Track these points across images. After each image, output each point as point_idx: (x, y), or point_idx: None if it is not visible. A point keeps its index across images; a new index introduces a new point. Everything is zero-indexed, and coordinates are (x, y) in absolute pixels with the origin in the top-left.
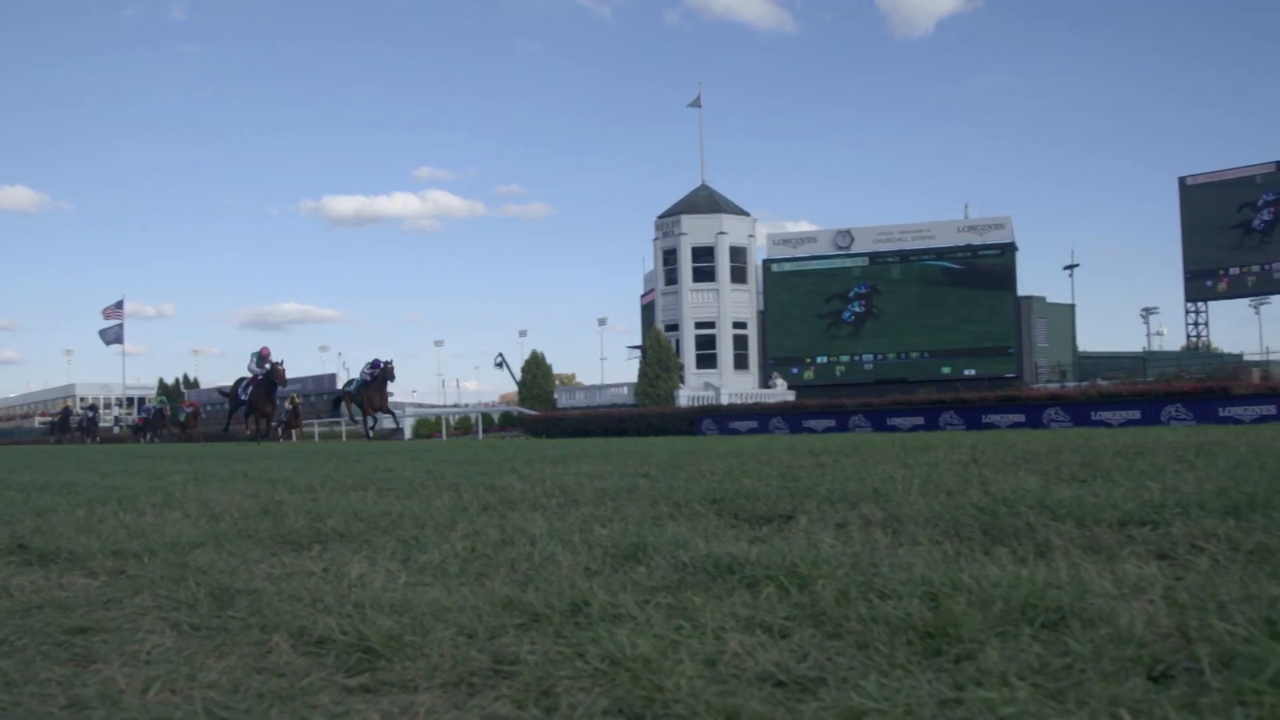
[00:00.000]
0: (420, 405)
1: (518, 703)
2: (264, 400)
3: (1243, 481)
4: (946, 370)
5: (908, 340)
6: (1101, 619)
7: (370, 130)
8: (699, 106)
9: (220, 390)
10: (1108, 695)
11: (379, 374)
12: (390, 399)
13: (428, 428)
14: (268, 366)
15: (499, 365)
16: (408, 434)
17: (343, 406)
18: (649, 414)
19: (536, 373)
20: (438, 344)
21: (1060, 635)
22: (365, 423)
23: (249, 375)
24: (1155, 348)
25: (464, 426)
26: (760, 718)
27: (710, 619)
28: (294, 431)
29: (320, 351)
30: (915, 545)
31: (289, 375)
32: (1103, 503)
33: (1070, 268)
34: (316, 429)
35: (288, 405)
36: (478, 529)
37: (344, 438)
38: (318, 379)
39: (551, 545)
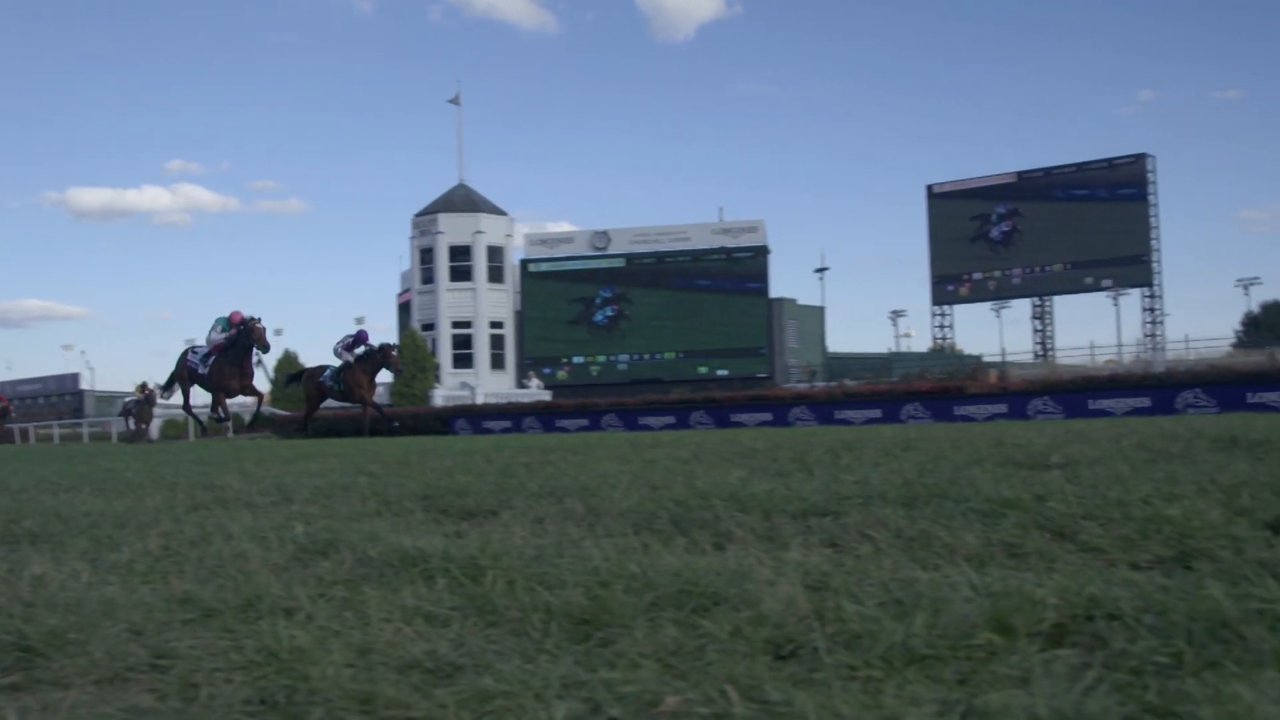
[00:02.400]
0: (169, 405)
1: (161, 695)
2: (231, 372)
3: (929, 474)
4: (702, 370)
5: (663, 341)
6: (747, 603)
7: (118, 120)
8: (458, 104)
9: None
10: (726, 673)
11: (373, 353)
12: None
13: (176, 429)
14: (235, 330)
15: (255, 365)
16: (154, 434)
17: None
18: (403, 414)
19: (290, 372)
20: (189, 342)
21: (705, 619)
22: (368, 411)
23: (205, 344)
24: (904, 349)
25: (214, 428)
26: (393, 703)
27: (377, 611)
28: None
29: (64, 351)
30: (606, 538)
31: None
32: (793, 495)
33: (820, 271)
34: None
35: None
36: (179, 528)
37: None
38: (59, 379)
39: (244, 542)
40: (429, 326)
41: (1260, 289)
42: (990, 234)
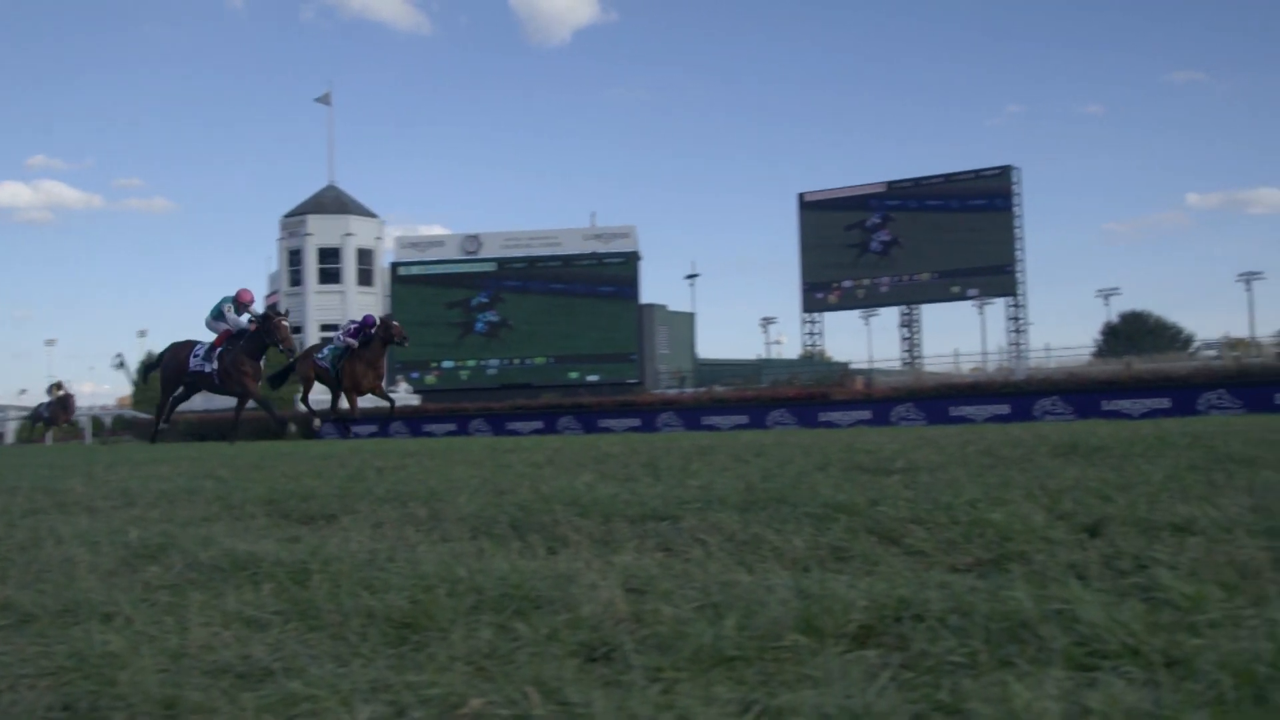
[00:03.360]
0: (25, 407)
1: None
2: (244, 366)
3: (773, 479)
4: (572, 376)
5: (533, 346)
6: (567, 606)
7: None
8: (328, 104)
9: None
10: (533, 675)
11: (375, 335)
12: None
13: (30, 431)
14: (247, 317)
15: (118, 367)
16: (10, 438)
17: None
18: (268, 417)
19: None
20: (49, 343)
21: (522, 622)
22: (337, 405)
23: (213, 332)
24: (775, 355)
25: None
26: (198, 707)
27: (199, 615)
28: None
29: None
30: (442, 542)
31: None
32: (634, 500)
33: (691, 277)
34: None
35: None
36: (11, 533)
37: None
38: None
39: (74, 547)
40: (297, 329)
41: (1120, 299)
42: (864, 243)
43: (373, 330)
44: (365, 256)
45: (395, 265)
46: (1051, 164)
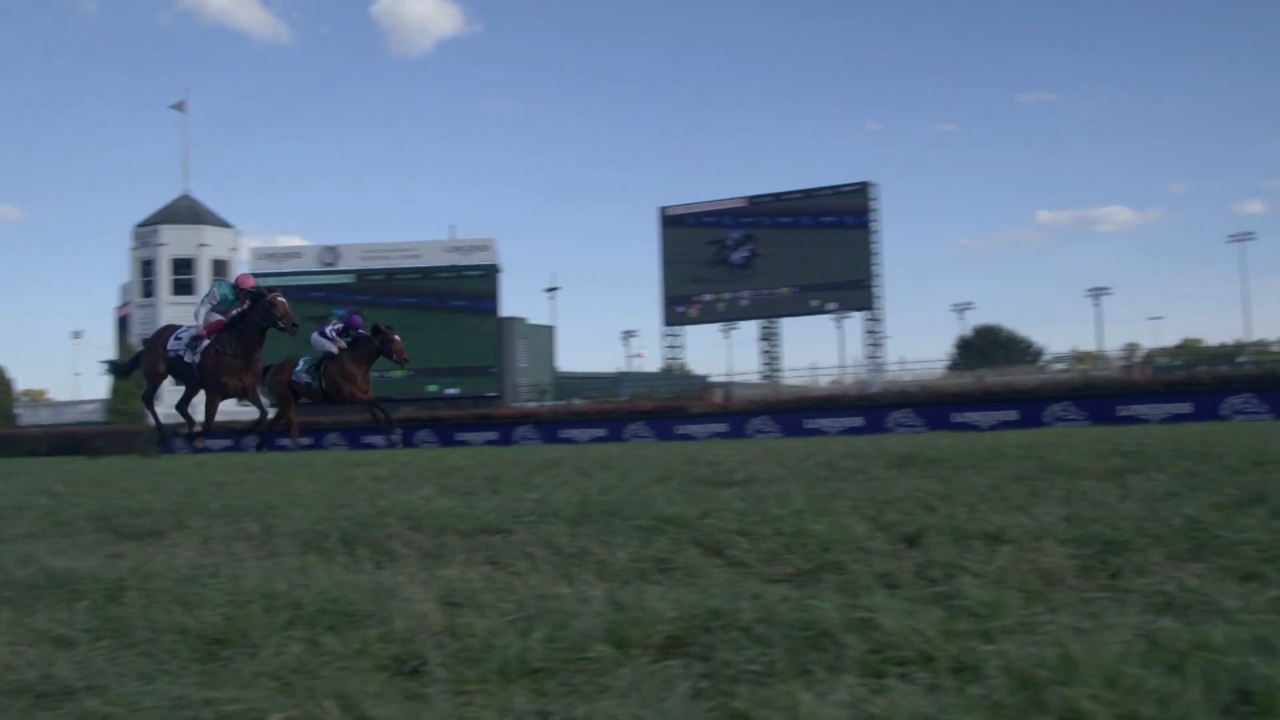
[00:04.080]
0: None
1: None
2: (233, 365)
3: (611, 492)
4: (431, 389)
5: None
6: (382, 620)
7: None
8: (183, 111)
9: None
10: (336, 689)
11: (367, 340)
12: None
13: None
14: (245, 305)
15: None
16: None
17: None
18: (120, 431)
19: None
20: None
21: (335, 637)
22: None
23: (201, 321)
24: (636, 369)
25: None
26: None
27: (6, 634)
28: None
29: None
30: (270, 557)
31: None
32: (470, 514)
33: (551, 290)
34: None
35: None
36: None
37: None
38: None
39: None
40: None
41: (974, 313)
42: (725, 257)
43: (360, 332)
44: (220, 268)
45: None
46: (909, 181)
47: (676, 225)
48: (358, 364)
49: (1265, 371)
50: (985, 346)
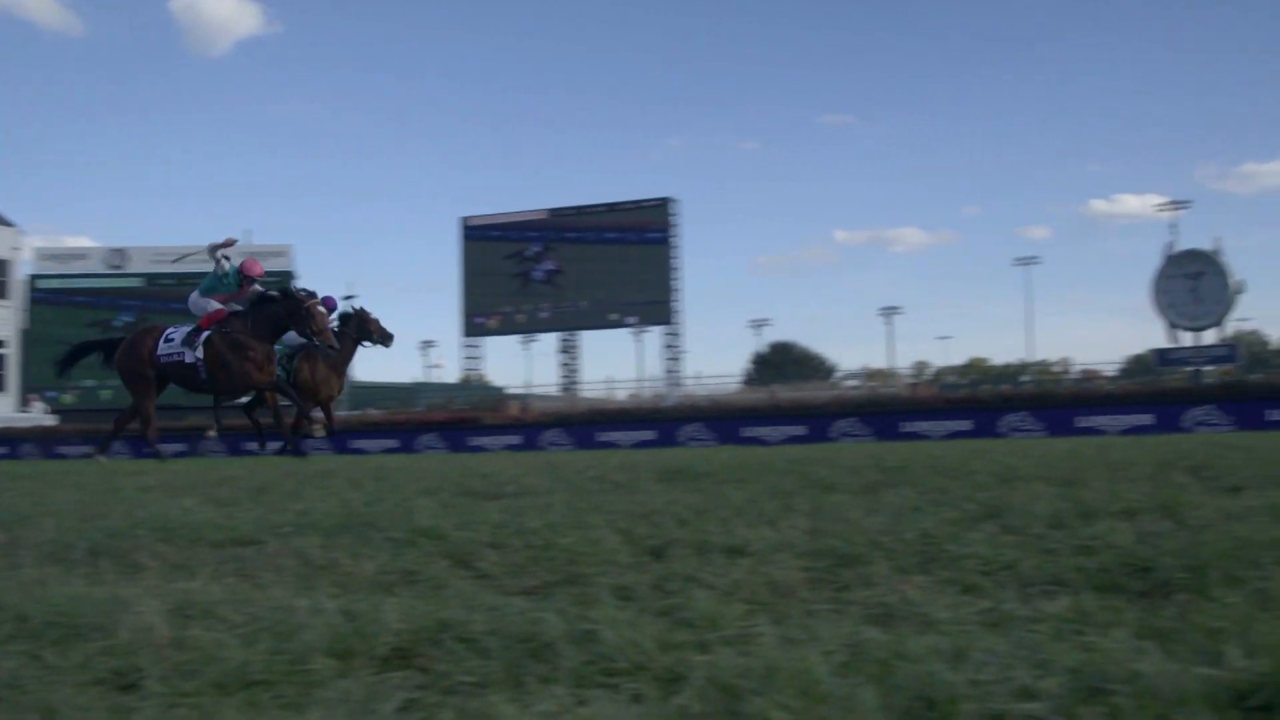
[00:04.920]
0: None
1: None
2: (249, 351)
3: (376, 503)
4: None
5: None
6: (107, 633)
7: None
8: None
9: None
10: (43, 703)
11: (345, 331)
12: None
13: None
14: (256, 289)
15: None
16: None
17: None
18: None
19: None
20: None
21: (56, 650)
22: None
23: (204, 308)
24: (435, 379)
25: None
26: None
27: None
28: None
29: None
30: (10, 570)
31: None
32: (228, 524)
33: (348, 298)
34: None
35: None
36: None
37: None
38: None
39: None
40: None
41: (770, 330)
42: (526, 269)
43: (336, 320)
44: (1, 268)
45: (34, 278)
46: (710, 197)
47: (478, 235)
48: (331, 365)
49: (1042, 391)
50: (779, 362)
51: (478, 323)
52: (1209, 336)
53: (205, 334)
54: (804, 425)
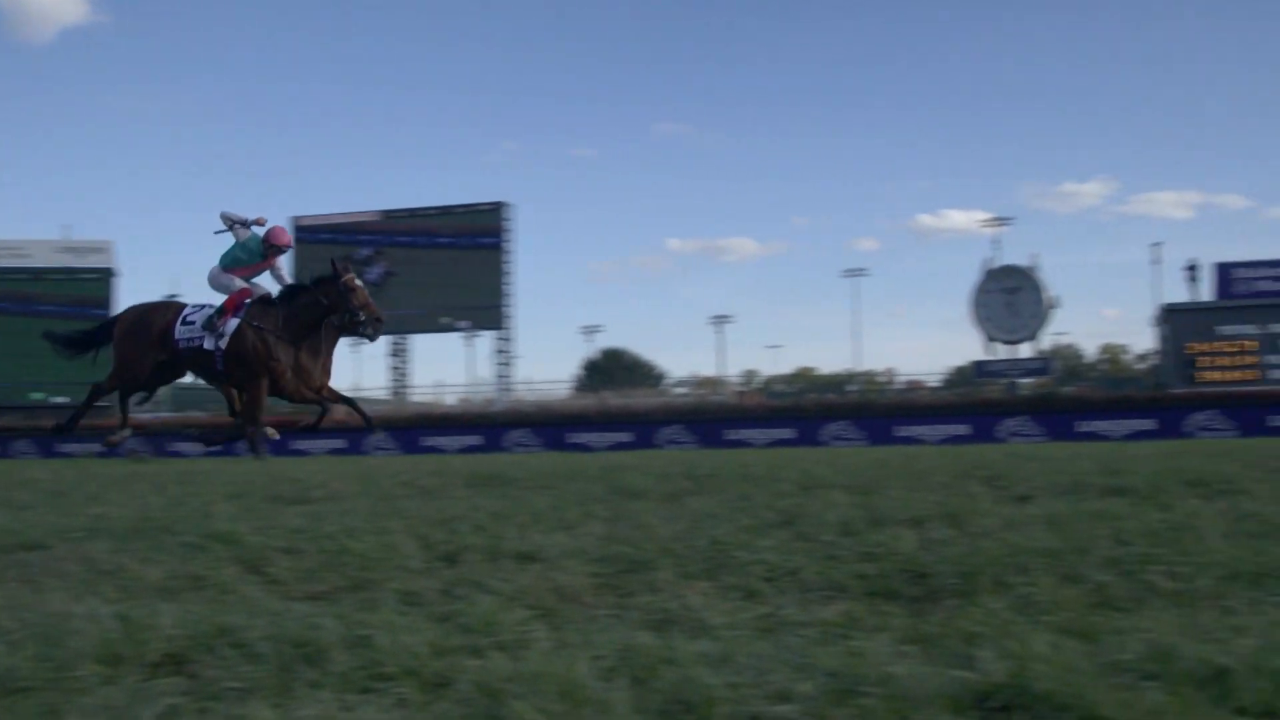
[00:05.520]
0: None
1: None
2: (276, 350)
3: (175, 506)
4: (37, 397)
5: None
6: None
7: None
8: None
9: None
10: None
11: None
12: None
13: None
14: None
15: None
16: None
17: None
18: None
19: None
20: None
21: None
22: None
23: (227, 286)
24: None
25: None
26: None
27: None
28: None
29: None
30: None
31: None
32: (19, 528)
33: (171, 297)
34: None
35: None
36: None
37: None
38: None
39: None
40: None
41: (603, 336)
42: (359, 271)
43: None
44: None
45: None
46: (545, 202)
47: (309, 235)
48: (311, 350)
49: (864, 400)
50: (610, 369)
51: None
52: (1025, 350)
53: (234, 321)
54: (630, 432)
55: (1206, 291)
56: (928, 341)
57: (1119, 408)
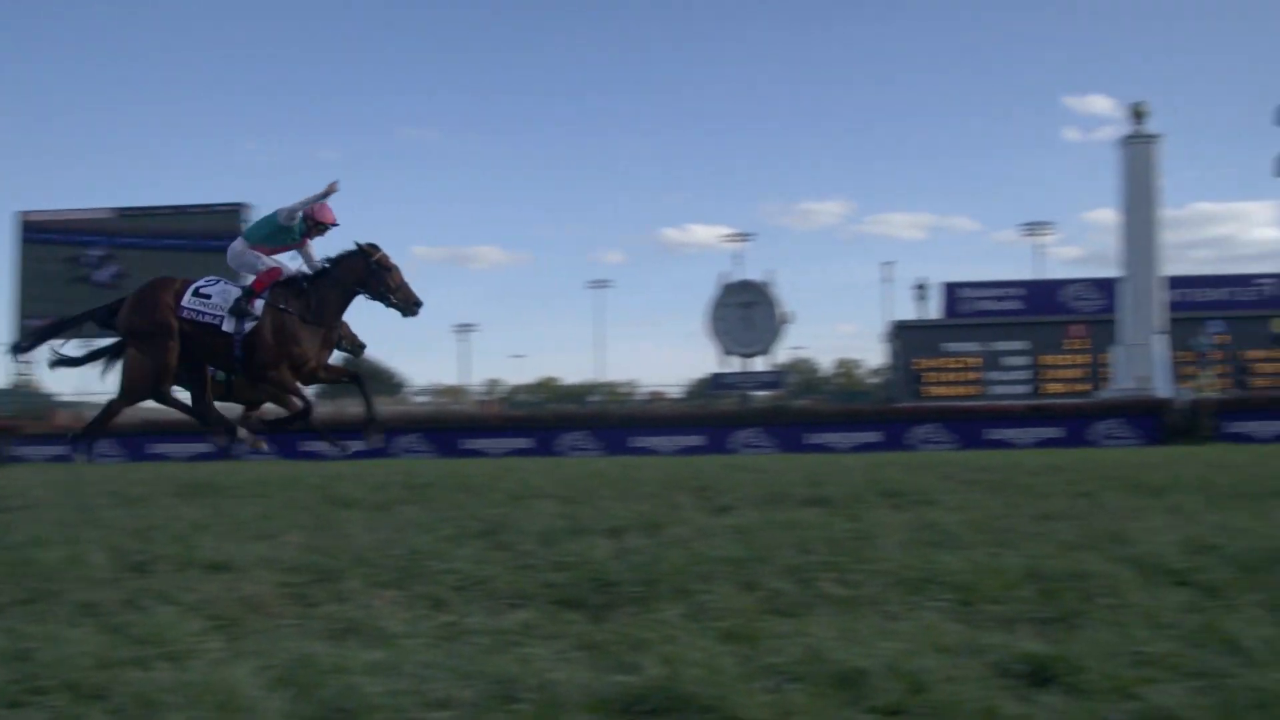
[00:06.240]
0: None
1: None
2: (309, 335)
3: None
4: None
5: None
6: None
7: None
8: None
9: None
10: None
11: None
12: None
13: None
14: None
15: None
16: None
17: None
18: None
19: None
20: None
21: None
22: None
23: (253, 265)
24: None
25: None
26: None
27: None
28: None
29: None
30: None
31: None
32: None
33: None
34: None
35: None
36: None
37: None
38: None
39: None
40: None
41: None
42: (88, 274)
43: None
44: None
45: None
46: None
47: (37, 233)
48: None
49: (601, 411)
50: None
51: (32, 327)
52: (760, 363)
53: (259, 301)
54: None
55: (934, 310)
56: (670, 353)
57: (848, 421)
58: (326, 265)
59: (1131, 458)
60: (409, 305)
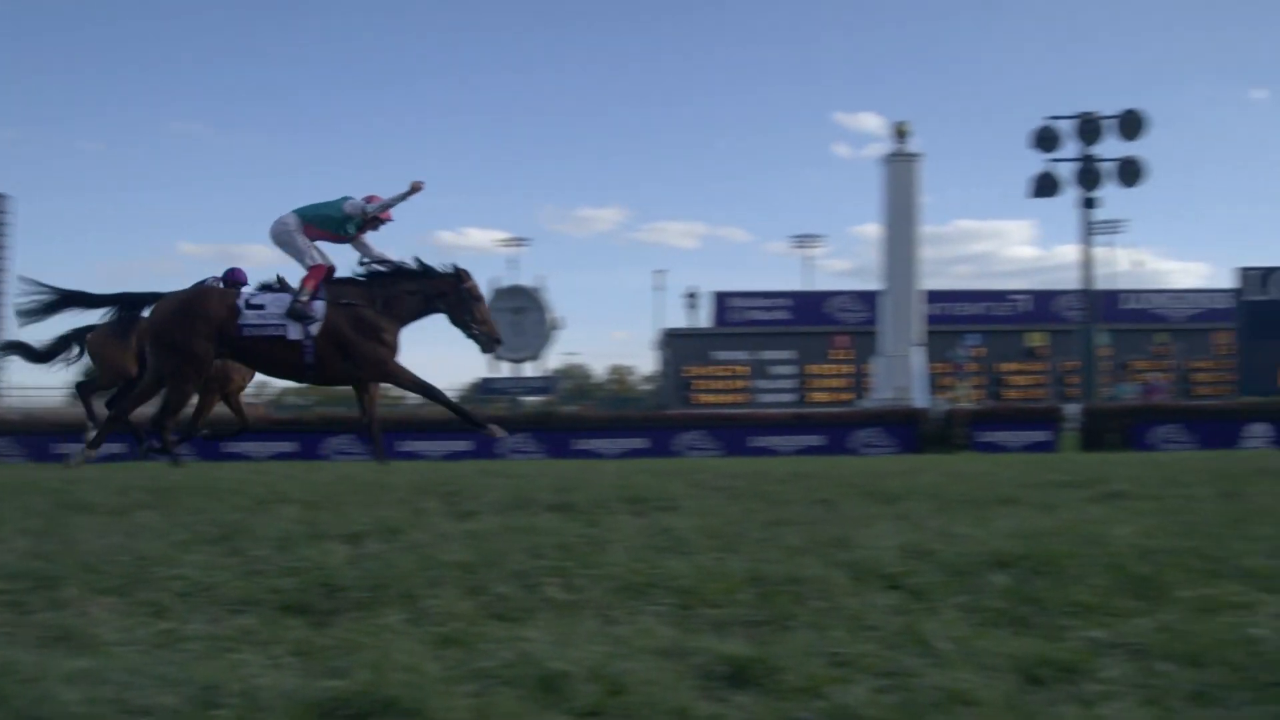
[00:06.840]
0: None
1: None
2: (385, 332)
3: None
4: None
5: None
6: None
7: None
8: None
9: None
10: None
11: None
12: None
13: None
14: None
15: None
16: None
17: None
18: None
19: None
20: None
21: None
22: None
23: (302, 253)
24: None
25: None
26: None
27: None
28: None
29: None
30: None
31: None
32: None
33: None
34: None
35: None
36: None
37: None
38: None
39: None
40: None
41: None
42: None
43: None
44: None
45: None
46: (49, 196)
47: None
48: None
49: (356, 415)
50: None
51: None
52: (530, 368)
53: (318, 304)
54: (127, 443)
55: (705, 318)
56: (444, 356)
57: (616, 427)
58: (415, 269)
59: (879, 466)
60: (490, 341)
